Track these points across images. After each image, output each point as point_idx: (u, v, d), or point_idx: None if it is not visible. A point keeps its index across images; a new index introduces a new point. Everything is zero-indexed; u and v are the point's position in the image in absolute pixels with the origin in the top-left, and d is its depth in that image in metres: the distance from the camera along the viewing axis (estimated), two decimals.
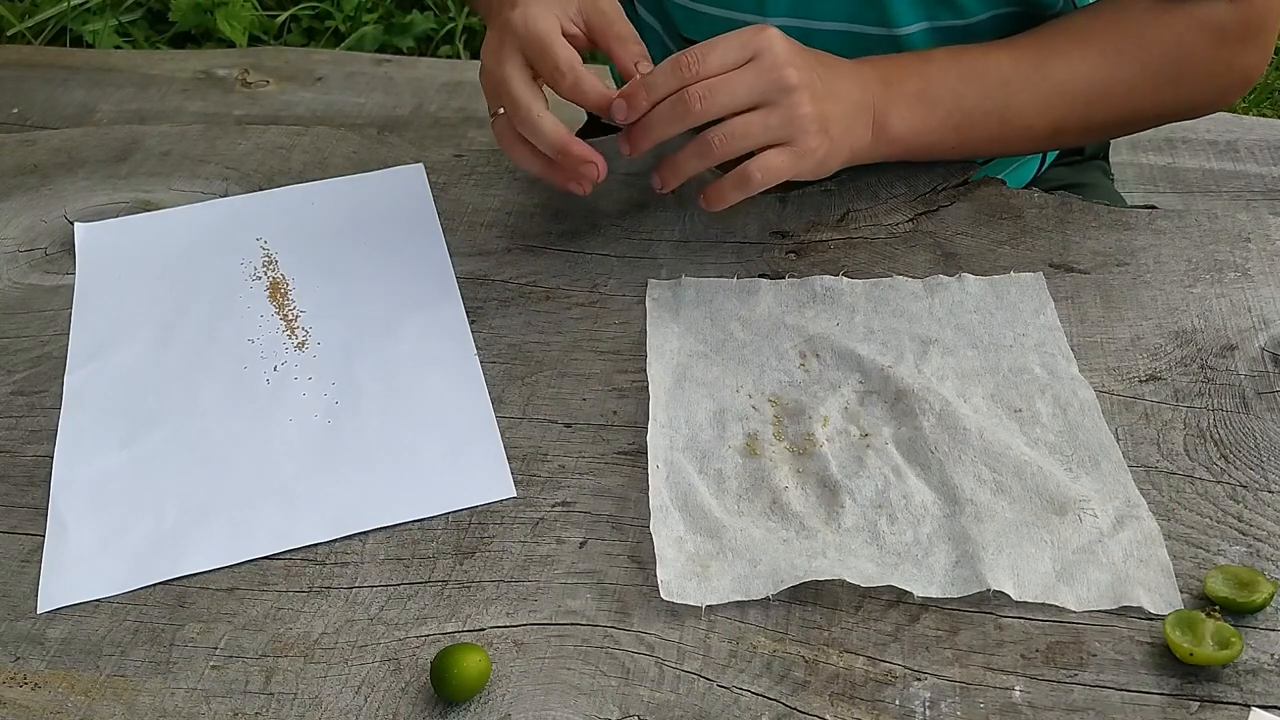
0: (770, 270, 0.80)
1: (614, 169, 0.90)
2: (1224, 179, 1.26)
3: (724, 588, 0.61)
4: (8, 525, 0.68)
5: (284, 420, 0.73)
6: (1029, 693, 0.57)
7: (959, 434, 0.67)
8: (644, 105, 0.74)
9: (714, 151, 0.73)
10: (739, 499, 0.66)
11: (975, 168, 0.86)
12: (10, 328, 0.81)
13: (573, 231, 0.85)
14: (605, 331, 0.77)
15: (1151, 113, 0.85)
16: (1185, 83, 0.82)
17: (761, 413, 0.70)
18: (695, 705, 0.57)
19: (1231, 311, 0.75)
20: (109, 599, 0.64)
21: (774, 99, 0.73)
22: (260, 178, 0.93)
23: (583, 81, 0.74)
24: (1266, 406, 0.69)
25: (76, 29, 2.22)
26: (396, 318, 0.79)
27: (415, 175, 0.92)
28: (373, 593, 0.63)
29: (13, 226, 0.90)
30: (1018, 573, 0.61)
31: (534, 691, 0.58)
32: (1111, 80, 0.81)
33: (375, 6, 2.32)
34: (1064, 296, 0.77)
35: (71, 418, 0.74)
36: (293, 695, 0.59)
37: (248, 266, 0.84)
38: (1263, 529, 0.63)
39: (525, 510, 0.67)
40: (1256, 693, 0.56)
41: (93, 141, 0.99)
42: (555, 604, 0.62)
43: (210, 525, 0.67)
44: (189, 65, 1.47)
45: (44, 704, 0.59)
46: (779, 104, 0.73)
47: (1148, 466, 0.66)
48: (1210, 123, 1.34)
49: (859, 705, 0.57)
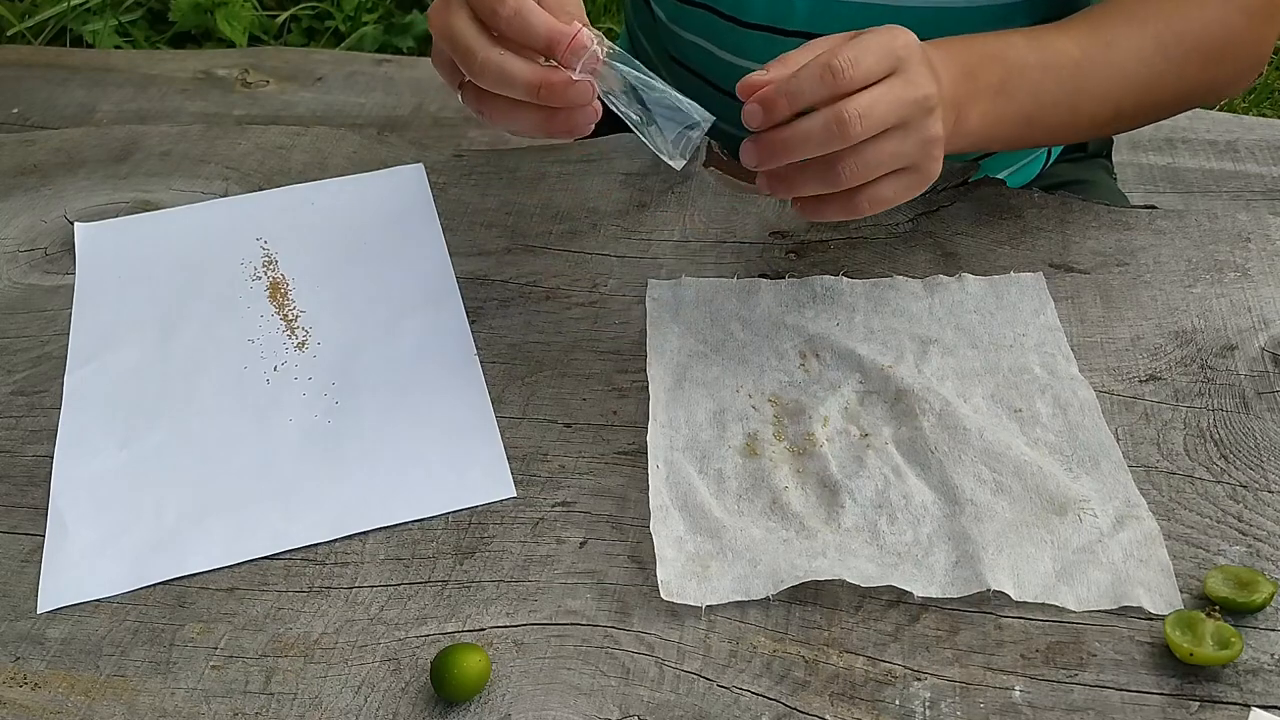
0: (770, 270, 0.80)
1: (614, 169, 0.90)
2: (1224, 179, 1.26)
3: (724, 588, 0.61)
4: (8, 525, 0.68)
5: (284, 420, 0.73)
6: (1029, 693, 0.57)
7: (959, 434, 0.67)
8: (784, 113, 0.64)
9: (842, 183, 0.65)
10: (739, 499, 0.66)
11: (976, 167, 0.86)
12: (10, 328, 0.81)
13: (573, 231, 0.85)
14: (605, 331, 0.77)
15: (1195, 94, 0.84)
16: (1227, 62, 0.82)
17: (761, 413, 0.70)
18: (695, 705, 0.57)
19: (1231, 311, 0.75)
20: (109, 599, 0.64)
21: (913, 119, 0.65)
22: (260, 178, 0.93)
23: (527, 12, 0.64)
24: (1266, 406, 0.69)
25: (76, 29, 2.22)
26: (396, 318, 0.79)
27: (415, 175, 0.92)
28: (373, 593, 0.63)
29: (13, 226, 0.90)
30: (1018, 573, 0.61)
31: (534, 691, 0.58)
32: (1166, 62, 0.79)
33: (375, 6, 2.32)
34: (1064, 296, 0.77)
35: (71, 418, 0.74)
36: (293, 695, 0.59)
37: (248, 266, 0.84)
38: (1263, 529, 0.63)
39: (525, 510, 0.67)
40: (1256, 693, 0.56)
41: (93, 141, 0.99)
42: (555, 604, 0.62)
43: (210, 525, 0.67)
44: (189, 65, 1.47)
45: (44, 704, 0.59)
46: (915, 126, 0.65)
47: (1148, 466, 0.66)
48: (1210, 123, 1.34)
49: (859, 705, 0.57)
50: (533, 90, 0.65)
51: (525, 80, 0.65)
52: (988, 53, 0.75)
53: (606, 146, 0.93)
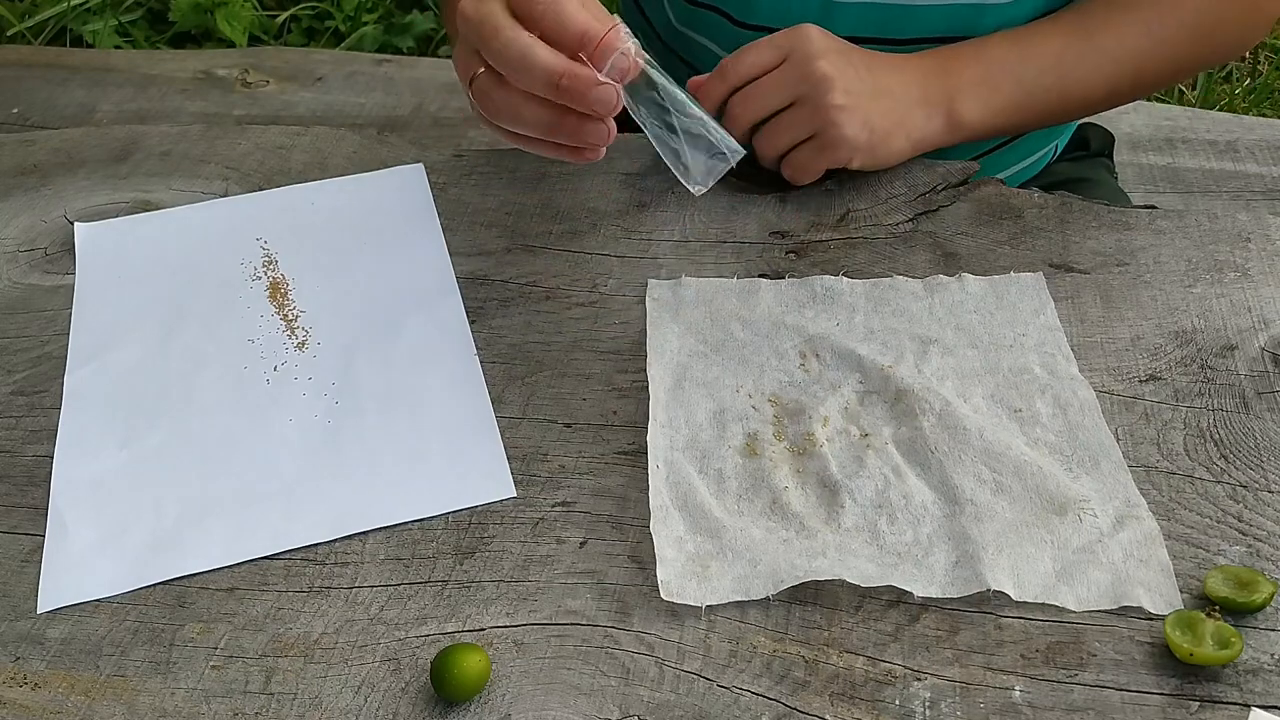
0: (770, 270, 0.80)
1: (614, 169, 0.90)
2: (1224, 179, 1.26)
3: (724, 588, 0.61)
4: (8, 525, 0.68)
5: (284, 420, 0.73)
6: (1029, 693, 0.57)
7: (959, 434, 0.67)
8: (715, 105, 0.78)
9: (765, 157, 0.79)
10: (739, 499, 0.66)
11: (976, 167, 0.86)
12: (10, 328, 0.81)
13: (573, 231, 0.85)
14: (605, 331, 0.77)
15: (1190, 66, 0.88)
16: (1221, 33, 0.86)
17: (761, 413, 0.70)
18: (695, 705, 0.57)
19: (1231, 311, 0.75)
20: (109, 599, 0.64)
21: (805, 93, 0.75)
22: (260, 178, 0.93)
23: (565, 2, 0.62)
24: (1266, 406, 0.69)
25: (76, 29, 2.22)
26: (396, 318, 0.79)
27: (415, 175, 0.92)
28: (373, 593, 0.63)
29: (13, 226, 0.90)
30: (1018, 573, 0.61)
31: (534, 691, 0.58)
32: (1156, 42, 0.83)
33: (375, 6, 2.32)
34: (1064, 296, 0.77)
35: (71, 418, 0.74)
36: (293, 695, 0.59)
37: (248, 266, 0.84)
38: (1263, 529, 0.63)
39: (525, 510, 0.67)
40: (1256, 693, 0.56)
41: (93, 141, 0.99)
42: (555, 604, 0.62)
43: (210, 525, 0.67)
44: (189, 65, 1.47)
45: (44, 704, 0.59)
46: (809, 98, 0.75)
47: (1148, 466, 0.66)
48: (1210, 123, 1.34)
49: (859, 705, 0.57)
50: (553, 79, 0.62)
51: (547, 65, 0.61)
52: (963, 51, 0.82)
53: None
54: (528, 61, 0.62)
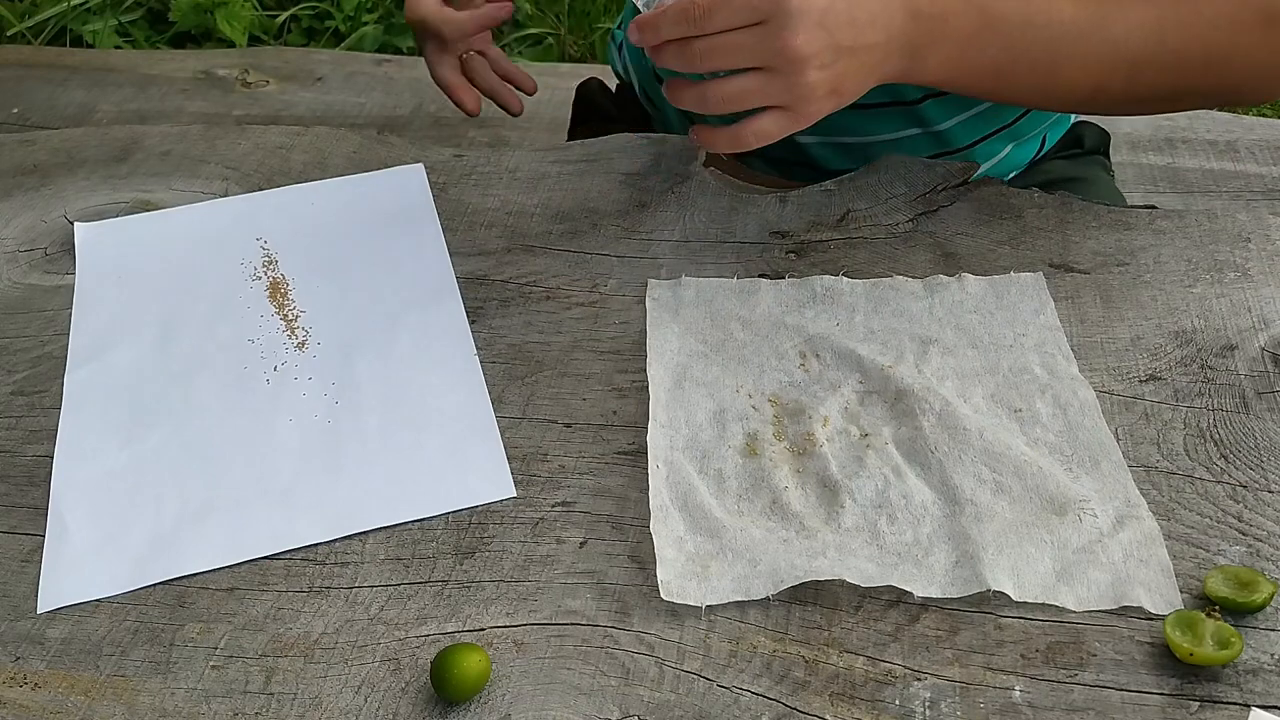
0: (770, 270, 0.80)
1: (614, 169, 0.90)
2: (1224, 179, 1.26)
3: (724, 588, 0.61)
4: (8, 525, 0.68)
5: (284, 420, 0.73)
6: (1029, 693, 0.57)
7: (959, 434, 0.67)
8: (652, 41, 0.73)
9: (710, 109, 0.73)
10: (739, 499, 0.66)
11: (976, 168, 0.86)
12: (10, 328, 0.81)
13: (573, 231, 0.85)
14: (605, 331, 0.77)
15: (1197, 91, 0.81)
16: (1236, 64, 0.79)
17: (761, 413, 0.70)
18: (695, 705, 0.57)
19: (1231, 311, 0.75)
20: (109, 599, 0.64)
21: (776, 66, 0.71)
22: (260, 178, 0.93)
23: None
24: (1266, 406, 0.69)
25: (76, 29, 2.22)
26: (396, 317, 0.79)
27: (415, 175, 0.92)
28: (373, 593, 0.63)
29: (13, 226, 0.90)
30: (1018, 573, 0.61)
31: (534, 691, 0.58)
32: (1164, 49, 0.78)
33: (375, 6, 2.32)
34: (1064, 296, 0.77)
35: (71, 418, 0.74)
36: (293, 695, 0.59)
37: (248, 266, 0.84)
38: (1263, 529, 0.63)
39: (525, 510, 0.67)
40: (1256, 693, 0.56)
41: (93, 141, 0.99)
42: (555, 604, 0.62)
43: (210, 525, 0.67)
44: (189, 65, 1.47)
45: (44, 704, 0.59)
46: (781, 71, 0.71)
47: (1148, 466, 0.66)
48: (1210, 123, 1.34)
49: (859, 705, 0.57)
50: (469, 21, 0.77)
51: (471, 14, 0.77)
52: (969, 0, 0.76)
53: (606, 146, 0.93)
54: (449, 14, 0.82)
